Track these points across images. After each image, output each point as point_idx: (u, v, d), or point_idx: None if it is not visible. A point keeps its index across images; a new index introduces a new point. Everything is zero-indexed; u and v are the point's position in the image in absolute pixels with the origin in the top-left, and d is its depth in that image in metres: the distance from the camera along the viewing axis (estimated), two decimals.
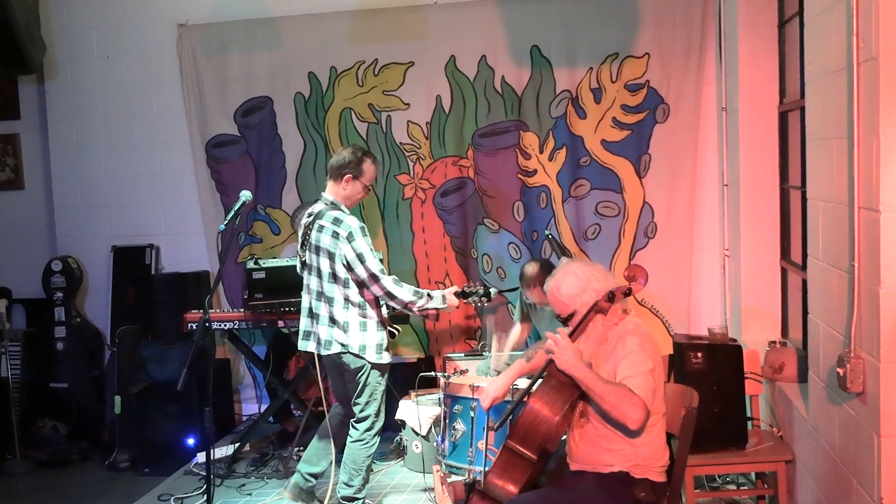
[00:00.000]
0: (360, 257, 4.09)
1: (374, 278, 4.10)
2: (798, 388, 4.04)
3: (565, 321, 3.19)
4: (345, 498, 4.29)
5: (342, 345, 4.17)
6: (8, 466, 5.60)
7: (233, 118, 6.07)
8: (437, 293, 4.24)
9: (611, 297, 3.09)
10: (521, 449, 3.08)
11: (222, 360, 6.09)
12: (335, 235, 4.11)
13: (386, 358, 4.22)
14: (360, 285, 4.15)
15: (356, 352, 4.16)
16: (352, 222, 4.12)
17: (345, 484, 4.28)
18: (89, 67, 6.26)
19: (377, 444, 4.30)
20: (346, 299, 4.16)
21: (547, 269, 4.74)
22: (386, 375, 4.29)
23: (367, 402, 4.23)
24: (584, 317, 3.10)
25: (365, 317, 4.17)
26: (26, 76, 6.24)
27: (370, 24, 5.86)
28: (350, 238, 4.08)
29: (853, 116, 2.84)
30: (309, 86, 5.96)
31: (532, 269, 4.85)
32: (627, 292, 3.15)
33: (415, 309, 4.21)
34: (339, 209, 4.21)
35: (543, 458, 3.13)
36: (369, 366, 4.18)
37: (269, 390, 5.86)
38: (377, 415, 4.26)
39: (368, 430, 4.25)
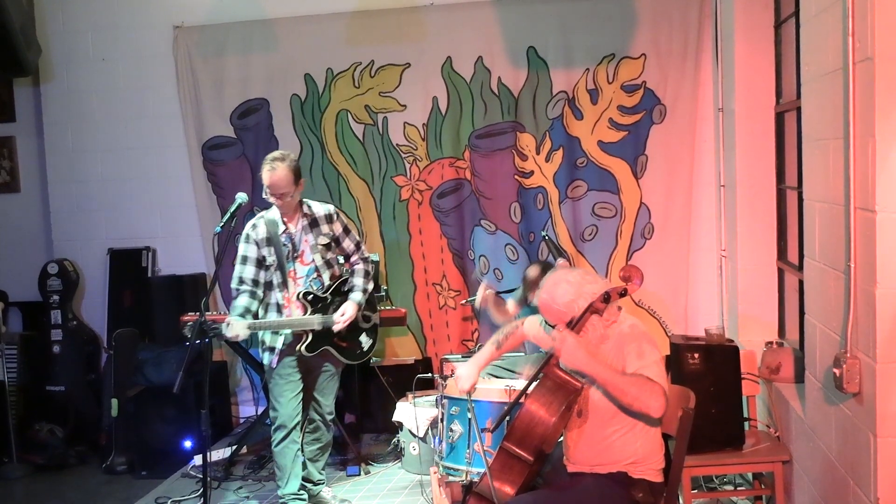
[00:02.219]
0: None
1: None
2: (795, 388, 4.04)
3: None
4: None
5: None
6: (5, 470, 5.58)
7: (229, 120, 6.06)
8: (232, 322, 4.18)
9: (606, 299, 3.07)
10: (517, 451, 3.07)
11: (219, 363, 6.07)
12: None
13: (265, 359, 4.39)
14: None
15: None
16: (245, 229, 4.34)
17: None
18: (85, 70, 6.24)
19: (277, 440, 4.36)
20: None
21: (548, 270, 4.75)
22: (270, 374, 4.39)
23: None
24: (580, 318, 3.06)
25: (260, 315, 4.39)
26: (22, 79, 6.23)
27: (366, 26, 5.85)
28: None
29: (849, 117, 2.85)
30: (305, 87, 5.95)
31: (534, 271, 4.82)
32: (623, 293, 3.14)
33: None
34: (271, 210, 4.36)
35: (540, 460, 3.12)
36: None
37: (267, 392, 5.85)
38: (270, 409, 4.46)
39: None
